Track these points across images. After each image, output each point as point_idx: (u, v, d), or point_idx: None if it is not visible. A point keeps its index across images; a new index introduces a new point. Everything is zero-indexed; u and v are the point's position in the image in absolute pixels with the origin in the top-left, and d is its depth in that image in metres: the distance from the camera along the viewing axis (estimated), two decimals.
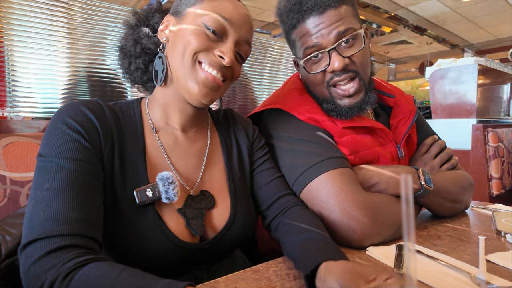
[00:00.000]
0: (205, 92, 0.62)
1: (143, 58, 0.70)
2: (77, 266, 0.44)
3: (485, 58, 2.33)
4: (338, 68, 0.77)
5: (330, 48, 0.77)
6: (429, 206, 0.84)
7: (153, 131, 0.67)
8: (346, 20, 0.77)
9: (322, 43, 0.77)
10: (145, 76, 0.72)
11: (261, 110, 0.90)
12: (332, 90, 0.82)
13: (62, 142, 0.54)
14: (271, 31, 7.15)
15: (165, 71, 0.65)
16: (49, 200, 0.49)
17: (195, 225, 0.62)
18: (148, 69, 0.71)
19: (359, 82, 0.81)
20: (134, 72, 0.71)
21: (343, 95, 0.81)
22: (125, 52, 0.70)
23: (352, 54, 0.78)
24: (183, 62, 0.62)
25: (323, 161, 0.75)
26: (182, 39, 0.62)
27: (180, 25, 0.64)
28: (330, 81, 0.81)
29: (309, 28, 0.78)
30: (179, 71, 0.63)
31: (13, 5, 0.89)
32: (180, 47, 0.62)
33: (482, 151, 1.98)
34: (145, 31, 0.69)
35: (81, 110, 0.58)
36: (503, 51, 8.11)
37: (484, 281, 0.54)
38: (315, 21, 0.77)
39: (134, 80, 0.73)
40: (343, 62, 0.77)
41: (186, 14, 0.64)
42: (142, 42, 0.68)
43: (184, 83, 0.63)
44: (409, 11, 6.22)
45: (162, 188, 0.59)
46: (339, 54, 0.77)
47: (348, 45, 0.78)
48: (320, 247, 0.57)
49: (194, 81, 0.62)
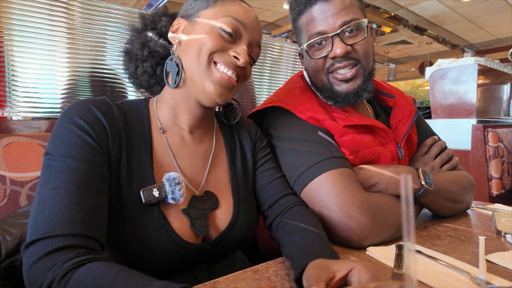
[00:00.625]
0: (220, 91, 0.63)
1: (151, 61, 0.69)
2: (75, 266, 0.44)
3: (485, 58, 2.33)
4: (339, 54, 0.78)
5: (333, 33, 0.78)
6: (429, 206, 0.84)
7: (161, 131, 0.67)
8: (351, 10, 0.78)
9: (327, 30, 0.79)
10: (152, 80, 0.72)
11: (262, 108, 0.90)
12: (331, 76, 0.84)
13: (70, 141, 0.54)
14: (271, 31, 7.15)
15: (180, 73, 0.65)
16: (54, 199, 0.49)
17: (199, 226, 0.62)
18: (156, 73, 0.71)
19: (359, 69, 0.82)
20: (141, 76, 0.71)
21: (341, 79, 0.82)
22: (131, 56, 0.70)
23: (355, 42, 0.79)
24: (199, 63, 0.63)
25: (324, 160, 0.75)
26: (197, 41, 0.63)
27: (194, 28, 0.65)
28: (330, 68, 0.82)
29: (315, 15, 0.80)
30: (194, 72, 0.64)
31: (13, 5, 0.89)
32: (195, 48, 0.63)
33: (482, 151, 1.98)
34: (152, 34, 0.70)
35: (90, 109, 0.58)
36: (503, 51, 8.11)
37: (484, 281, 0.54)
38: (321, 7, 0.79)
39: (140, 84, 0.73)
40: (345, 48, 0.78)
41: (199, 17, 0.65)
42: (150, 45, 0.69)
43: (199, 83, 0.63)
44: (409, 11, 6.23)
45: (168, 189, 0.59)
46: (341, 41, 0.78)
47: (351, 35, 0.79)
48: (312, 249, 0.57)
49: (210, 81, 0.63)
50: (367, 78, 0.83)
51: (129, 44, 0.71)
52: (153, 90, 0.75)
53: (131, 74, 0.72)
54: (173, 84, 0.66)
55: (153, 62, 0.70)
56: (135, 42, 0.70)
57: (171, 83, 0.67)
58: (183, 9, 0.70)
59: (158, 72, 0.71)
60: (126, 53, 0.71)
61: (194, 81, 0.64)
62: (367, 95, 0.84)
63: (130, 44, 0.70)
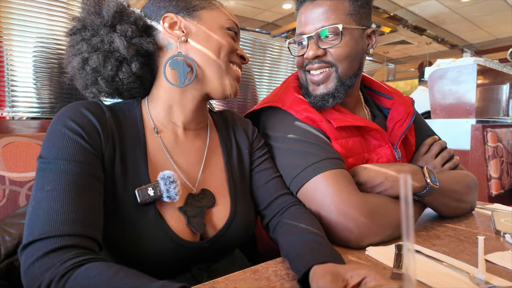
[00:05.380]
0: (236, 87, 0.71)
1: (138, 60, 0.64)
2: (74, 267, 0.44)
3: (484, 58, 2.33)
4: (309, 56, 0.81)
5: (308, 35, 0.82)
6: (434, 205, 0.83)
7: (155, 130, 0.67)
8: (334, 14, 0.79)
9: (305, 31, 0.83)
10: (137, 82, 0.67)
11: (259, 108, 0.90)
12: (308, 75, 0.86)
13: (62, 144, 0.54)
14: (271, 31, 7.15)
15: (195, 72, 0.65)
16: (49, 201, 0.49)
17: (196, 223, 0.62)
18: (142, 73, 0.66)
19: (332, 73, 0.83)
20: (126, 78, 0.64)
21: (311, 81, 0.85)
22: (108, 55, 0.62)
23: (328, 46, 0.80)
24: (219, 62, 0.66)
25: (320, 161, 0.75)
26: (214, 41, 0.66)
27: (201, 28, 0.66)
28: (306, 67, 0.85)
29: (301, 16, 0.84)
30: (213, 70, 0.66)
31: (12, 5, 0.89)
32: (212, 49, 0.66)
33: (481, 151, 1.98)
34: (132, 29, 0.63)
35: (81, 111, 0.58)
36: (502, 51, 8.12)
37: (483, 281, 0.54)
38: (306, 9, 0.83)
39: (116, 89, 0.66)
40: (315, 51, 0.81)
41: (201, 18, 0.67)
42: (134, 42, 0.63)
43: (217, 80, 0.67)
44: (408, 11, 6.23)
45: (163, 187, 0.59)
46: (315, 44, 0.81)
47: (329, 39, 0.81)
48: (313, 249, 0.57)
49: (232, 78, 0.69)
50: (342, 84, 0.83)
51: (103, 42, 0.61)
52: (128, 95, 0.69)
53: (106, 78, 0.63)
54: (182, 83, 0.64)
55: (141, 61, 0.65)
56: (115, 38, 0.61)
57: (178, 82, 0.65)
58: (175, 4, 0.67)
59: (142, 73, 0.66)
60: (103, 52, 0.61)
61: (210, 78, 0.67)
62: (333, 101, 0.83)
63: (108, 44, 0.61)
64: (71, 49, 0.63)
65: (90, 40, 0.61)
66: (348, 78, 0.84)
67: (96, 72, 0.62)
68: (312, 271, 0.50)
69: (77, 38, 0.62)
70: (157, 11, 0.68)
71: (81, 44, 0.61)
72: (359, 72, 0.87)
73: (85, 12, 0.63)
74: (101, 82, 0.63)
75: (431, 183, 0.76)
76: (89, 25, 0.62)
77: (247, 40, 1.51)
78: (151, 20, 0.68)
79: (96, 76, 0.63)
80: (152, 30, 0.68)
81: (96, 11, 0.62)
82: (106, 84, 0.64)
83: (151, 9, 0.68)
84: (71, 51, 0.63)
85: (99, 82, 0.63)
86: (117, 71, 0.63)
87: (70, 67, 0.64)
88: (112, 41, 0.61)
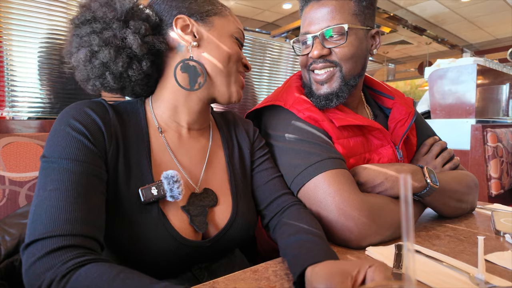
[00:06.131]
0: (240, 94, 0.73)
1: (149, 59, 0.63)
2: (75, 267, 0.44)
3: (484, 58, 2.33)
4: (314, 56, 0.81)
5: (313, 35, 0.81)
6: (434, 205, 0.83)
7: (159, 130, 0.67)
8: (340, 14, 0.79)
9: (310, 31, 0.82)
10: (145, 80, 0.66)
11: (261, 107, 0.90)
12: (312, 75, 0.86)
13: (65, 143, 0.54)
14: (271, 31, 7.15)
15: (205, 77, 0.66)
16: (52, 201, 0.49)
17: (198, 222, 0.63)
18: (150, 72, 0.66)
19: (336, 73, 0.83)
20: (136, 76, 0.63)
21: (315, 80, 0.85)
22: (121, 51, 0.60)
23: (333, 46, 0.81)
24: (228, 70, 0.68)
25: (321, 161, 0.75)
26: (224, 49, 0.67)
27: (212, 34, 0.67)
28: (310, 66, 0.85)
29: (306, 15, 0.84)
30: (222, 78, 0.68)
31: (12, 4, 0.89)
32: (223, 56, 0.67)
33: (481, 151, 1.98)
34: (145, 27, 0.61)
35: (85, 111, 0.58)
36: (502, 51, 8.13)
37: (483, 281, 0.54)
38: (311, 8, 0.83)
39: (123, 86, 0.65)
40: (321, 51, 0.80)
41: (214, 24, 0.68)
42: (147, 40, 0.62)
43: (225, 86, 0.69)
44: (408, 11, 6.23)
45: (167, 187, 0.59)
46: (320, 43, 0.81)
47: (334, 39, 0.81)
48: (309, 250, 0.57)
49: (239, 85, 0.72)
50: (346, 84, 0.83)
51: (115, 37, 0.59)
52: (130, 92, 0.68)
53: (115, 74, 0.61)
54: (193, 87, 0.65)
55: (151, 60, 0.64)
56: (129, 35, 0.59)
57: (188, 86, 0.65)
58: (188, 6, 0.66)
59: (151, 72, 0.66)
60: (115, 48, 0.59)
61: (218, 85, 0.68)
62: (337, 101, 0.83)
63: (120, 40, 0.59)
64: (77, 39, 0.60)
65: (101, 33, 0.58)
66: (352, 78, 0.84)
67: (105, 67, 0.60)
68: (307, 272, 0.50)
69: (86, 29, 0.59)
70: (169, 10, 0.66)
71: (91, 36, 0.58)
72: (362, 73, 0.87)
73: (97, 3, 0.60)
74: (109, 77, 0.61)
75: (431, 183, 0.76)
76: (101, 17, 0.59)
77: (247, 40, 1.51)
78: (163, 18, 0.66)
79: (104, 70, 0.60)
80: (162, 29, 0.66)
81: (108, 3, 0.60)
82: (114, 80, 0.62)
83: (162, 7, 0.67)
84: (77, 41, 0.60)
85: (106, 76, 0.61)
86: (128, 68, 0.61)
87: (74, 58, 0.60)
88: (125, 38, 0.59)
